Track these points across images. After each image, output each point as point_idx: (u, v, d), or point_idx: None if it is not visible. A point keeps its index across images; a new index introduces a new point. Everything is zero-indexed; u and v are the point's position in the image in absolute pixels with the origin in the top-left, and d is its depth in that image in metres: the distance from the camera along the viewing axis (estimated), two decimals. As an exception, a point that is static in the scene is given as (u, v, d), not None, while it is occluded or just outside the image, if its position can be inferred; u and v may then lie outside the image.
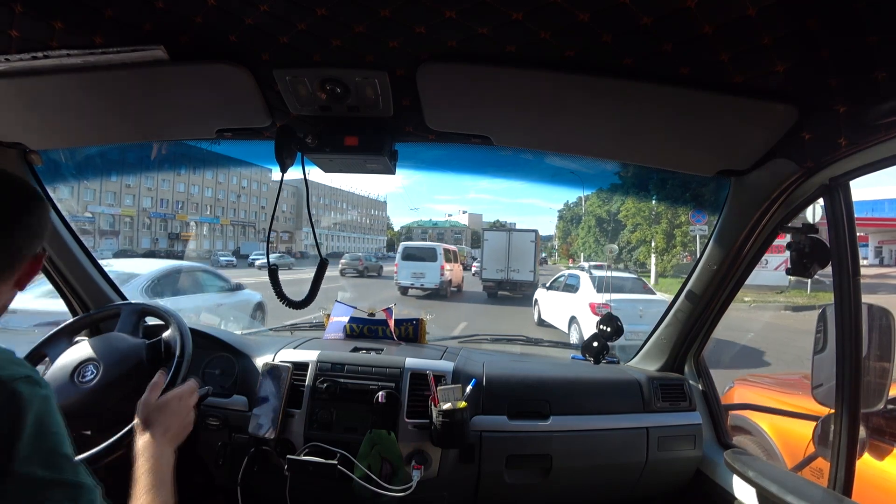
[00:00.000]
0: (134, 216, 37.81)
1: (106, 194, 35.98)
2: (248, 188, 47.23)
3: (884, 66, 0.74)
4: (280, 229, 48.10)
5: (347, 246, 62.54)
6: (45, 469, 0.55)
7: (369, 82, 0.95)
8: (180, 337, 1.22)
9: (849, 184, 1.03)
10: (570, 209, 42.77)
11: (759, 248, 1.28)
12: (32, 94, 1.02)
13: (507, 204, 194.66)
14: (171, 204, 41.03)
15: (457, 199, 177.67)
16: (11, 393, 0.56)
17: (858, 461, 1.05)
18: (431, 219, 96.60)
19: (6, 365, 0.59)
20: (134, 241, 36.97)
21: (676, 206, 15.27)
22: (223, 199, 45.69)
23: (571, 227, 42.05)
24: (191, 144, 1.41)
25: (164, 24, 0.82)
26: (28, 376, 0.59)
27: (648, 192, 6.25)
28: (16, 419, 0.55)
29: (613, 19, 0.73)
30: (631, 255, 23.53)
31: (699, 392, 1.58)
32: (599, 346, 1.44)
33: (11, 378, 0.57)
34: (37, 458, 0.55)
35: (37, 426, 0.56)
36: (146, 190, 39.17)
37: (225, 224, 45.35)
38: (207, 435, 1.38)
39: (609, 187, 3.02)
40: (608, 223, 26.21)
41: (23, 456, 0.54)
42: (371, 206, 75.44)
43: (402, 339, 1.73)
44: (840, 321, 1.06)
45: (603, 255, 25.77)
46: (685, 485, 1.51)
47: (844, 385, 1.04)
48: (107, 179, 32.50)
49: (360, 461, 1.25)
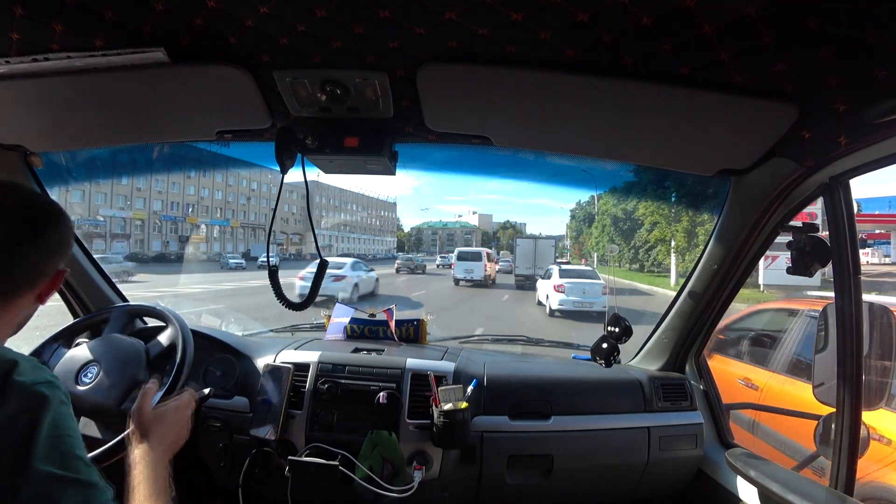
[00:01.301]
0: (145, 219, 37.49)
1: (117, 197, 35.67)
2: (258, 191, 47.24)
3: (883, 64, 0.74)
4: (290, 231, 47.97)
5: (357, 248, 62.48)
6: (60, 468, 0.57)
7: (369, 83, 0.95)
8: (181, 338, 1.22)
9: (849, 182, 1.03)
10: (583, 208, 42.21)
11: (760, 247, 1.28)
12: (33, 96, 1.02)
13: (517, 204, 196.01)
14: (181, 207, 40.79)
15: (467, 201, 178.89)
16: (33, 396, 0.59)
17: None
18: (441, 220, 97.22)
19: (30, 371, 0.62)
20: (145, 244, 36.81)
21: (698, 203, 15.36)
22: (233, 202, 45.58)
23: (584, 226, 41.68)
24: (199, 147, 1.42)
25: (165, 26, 0.82)
26: (49, 381, 0.63)
27: (666, 188, 6.29)
28: (34, 420, 0.58)
29: (613, 19, 0.73)
30: (648, 255, 23.15)
31: (700, 391, 1.58)
32: (609, 347, 1.43)
33: (34, 382, 0.60)
34: (53, 458, 0.57)
35: (53, 428, 0.59)
36: (157, 193, 38.95)
37: (235, 227, 45.18)
38: (209, 436, 1.38)
39: (623, 185, 2.98)
40: (624, 222, 25.96)
41: (40, 454, 0.56)
42: (381, 207, 75.31)
43: (403, 340, 1.73)
44: (841, 320, 1.05)
45: (617, 258, 25.84)
46: (686, 485, 1.51)
47: (845, 384, 1.04)
48: (107, 181, 32.36)
49: (362, 462, 1.25)
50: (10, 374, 0.60)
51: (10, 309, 0.73)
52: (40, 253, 0.74)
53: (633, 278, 20.20)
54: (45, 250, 0.74)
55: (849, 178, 1.02)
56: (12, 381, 0.59)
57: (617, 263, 26.23)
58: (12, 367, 0.60)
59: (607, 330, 1.47)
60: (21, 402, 0.58)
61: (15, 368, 0.61)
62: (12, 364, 0.61)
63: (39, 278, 0.75)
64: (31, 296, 0.75)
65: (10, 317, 0.74)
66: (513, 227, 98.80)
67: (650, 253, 22.94)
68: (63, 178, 1.60)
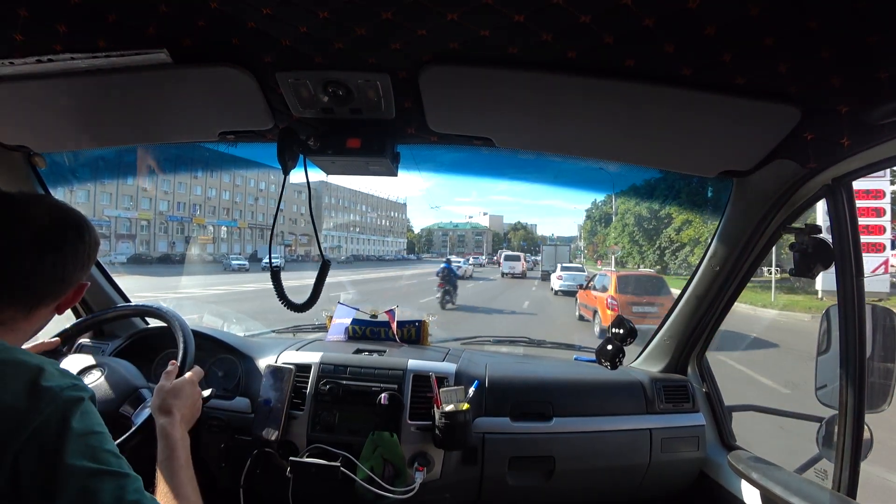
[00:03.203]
0: (150, 220, 37.30)
1: (122, 198, 35.53)
2: (265, 191, 46.53)
3: (886, 66, 0.74)
4: (299, 232, 47.56)
5: (366, 248, 62.27)
6: (93, 462, 0.61)
7: (371, 84, 0.95)
8: (183, 339, 1.23)
9: (851, 184, 1.03)
10: (599, 208, 41.74)
11: (763, 248, 1.28)
12: (36, 97, 1.03)
13: (528, 206, 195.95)
14: (187, 207, 40.48)
15: (476, 202, 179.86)
16: (62, 400, 0.62)
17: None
18: (452, 221, 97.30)
19: (56, 376, 0.65)
20: (151, 244, 36.63)
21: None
22: (241, 202, 45.21)
23: (599, 226, 41.19)
24: (205, 147, 1.42)
25: (168, 28, 0.83)
26: (75, 384, 0.66)
27: (701, 187, 6.26)
28: (65, 420, 0.61)
29: (615, 21, 0.73)
30: (675, 256, 22.62)
31: (702, 393, 1.58)
32: (614, 349, 1.41)
33: (61, 388, 0.63)
34: (86, 453, 0.61)
35: (83, 425, 0.62)
36: (163, 193, 38.76)
37: (243, 227, 44.84)
38: (210, 437, 1.38)
39: (643, 183, 2.89)
40: (649, 221, 25.95)
41: (72, 450, 0.59)
42: (390, 207, 74.66)
43: (405, 341, 1.73)
44: (843, 322, 1.05)
45: (638, 259, 26.02)
46: (688, 487, 1.51)
47: (848, 386, 1.04)
48: (112, 182, 32.32)
49: (363, 463, 1.25)
50: (38, 379, 0.62)
51: (31, 319, 0.75)
52: (64, 265, 0.75)
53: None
54: (68, 262, 0.75)
55: (851, 180, 1.02)
56: (41, 388, 0.62)
57: (637, 265, 26.48)
58: (39, 373, 0.63)
59: (612, 332, 1.45)
60: (51, 406, 0.61)
61: (42, 374, 0.63)
62: (38, 370, 0.63)
63: (62, 290, 0.77)
64: (52, 306, 0.77)
65: (30, 326, 0.76)
66: (524, 228, 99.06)
67: (677, 254, 22.61)
68: (66, 179, 1.61)
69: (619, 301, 9.13)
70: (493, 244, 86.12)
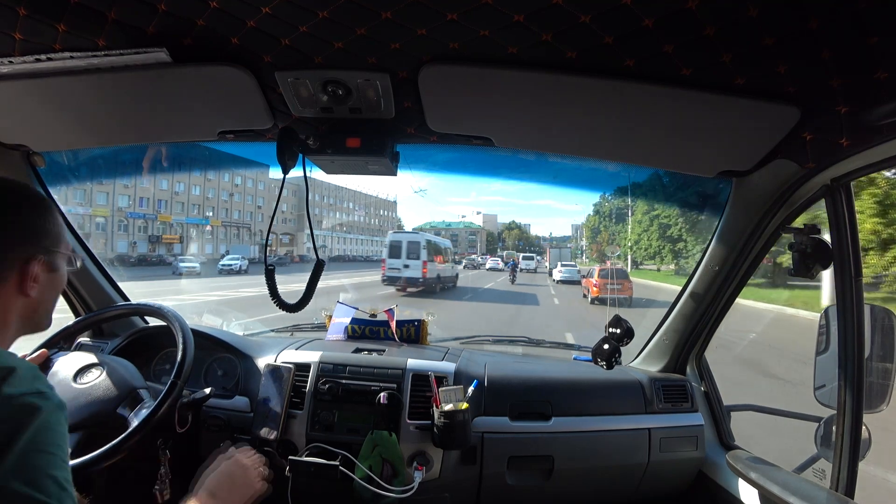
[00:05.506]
0: (108, 217, 33.08)
1: (74, 192, 29.20)
2: (242, 186, 42.15)
3: (885, 66, 0.74)
4: (280, 231, 43.73)
5: (353, 248, 60.57)
6: (26, 486, 0.52)
7: (371, 84, 0.95)
8: (182, 338, 1.23)
9: (850, 184, 1.03)
10: (608, 201, 38.16)
11: (762, 248, 1.28)
12: (36, 96, 1.03)
13: (521, 205, 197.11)
14: (152, 203, 36.03)
15: (470, 202, 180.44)
16: (20, 406, 0.56)
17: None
18: (444, 220, 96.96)
19: (26, 380, 0.58)
20: (108, 244, 32.37)
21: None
22: (213, 198, 40.66)
23: (608, 222, 39.35)
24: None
25: (167, 27, 0.83)
26: (42, 392, 0.58)
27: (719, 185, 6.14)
28: (15, 431, 0.53)
29: (615, 21, 0.73)
30: (688, 261, 22.77)
31: (701, 393, 1.58)
32: (611, 349, 1.40)
33: (24, 392, 0.56)
34: (21, 473, 0.52)
35: (32, 441, 0.54)
36: (122, 187, 33.87)
37: (216, 225, 40.70)
38: (209, 436, 1.38)
39: (643, 183, 2.78)
40: (668, 228, 26.28)
41: (8, 467, 0.51)
42: (380, 206, 71.87)
43: (404, 341, 1.73)
44: (842, 322, 1.05)
45: (659, 261, 26.58)
46: (687, 486, 1.51)
47: (847, 386, 1.04)
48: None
49: (362, 462, 1.25)
50: (1, 383, 0.56)
51: None
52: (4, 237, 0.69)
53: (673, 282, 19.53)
54: (10, 234, 0.70)
55: (850, 180, 1.02)
56: (1, 393, 0.55)
57: (658, 267, 28.16)
58: (6, 376, 0.57)
59: (608, 331, 1.45)
60: (5, 413, 0.54)
61: (8, 378, 0.57)
62: (7, 372, 0.57)
63: (7, 266, 0.69)
64: (11, 288, 0.70)
65: None
66: (518, 228, 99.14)
67: (689, 259, 22.67)
68: (65, 178, 1.60)
69: (599, 283, 14.88)
70: (486, 244, 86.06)
